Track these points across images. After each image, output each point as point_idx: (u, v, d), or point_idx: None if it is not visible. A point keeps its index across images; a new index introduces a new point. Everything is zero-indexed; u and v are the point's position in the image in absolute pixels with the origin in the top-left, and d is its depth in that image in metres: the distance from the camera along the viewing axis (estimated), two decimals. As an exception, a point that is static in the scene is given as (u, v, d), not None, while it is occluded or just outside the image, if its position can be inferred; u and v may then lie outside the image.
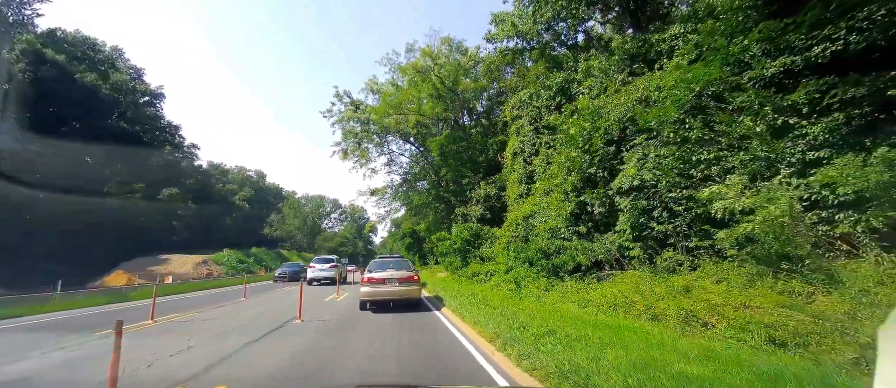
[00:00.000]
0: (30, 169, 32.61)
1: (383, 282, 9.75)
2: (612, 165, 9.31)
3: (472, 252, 19.28)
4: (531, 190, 18.24)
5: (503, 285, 11.85)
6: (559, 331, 5.09)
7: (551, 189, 13.41)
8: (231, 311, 10.92)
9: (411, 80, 26.68)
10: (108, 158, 43.88)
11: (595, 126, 9.38)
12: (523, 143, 19.12)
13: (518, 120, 19.93)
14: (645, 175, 8.08)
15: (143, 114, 49.93)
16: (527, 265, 11.98)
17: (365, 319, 8.76)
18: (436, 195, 30.90)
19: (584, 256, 9.33)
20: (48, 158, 34.18)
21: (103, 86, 40.27)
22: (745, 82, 6.39)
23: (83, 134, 40.02)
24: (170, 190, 49.02)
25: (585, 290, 8.46)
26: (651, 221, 8.10)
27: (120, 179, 44.49)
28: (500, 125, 29.05)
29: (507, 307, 7.65)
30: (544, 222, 12.71)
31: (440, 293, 12.84)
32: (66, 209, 35.62)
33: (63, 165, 35.34)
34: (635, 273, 7.74)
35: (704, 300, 5.27)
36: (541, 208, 13.27)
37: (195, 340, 6.47)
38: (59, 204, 35.45)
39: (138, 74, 54.10)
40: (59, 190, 34.58)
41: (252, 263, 37.14)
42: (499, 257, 15.13)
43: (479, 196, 23.50)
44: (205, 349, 5.91)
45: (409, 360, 4.93)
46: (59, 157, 35.01)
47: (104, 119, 42.79)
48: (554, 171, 12.88)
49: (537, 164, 18.08)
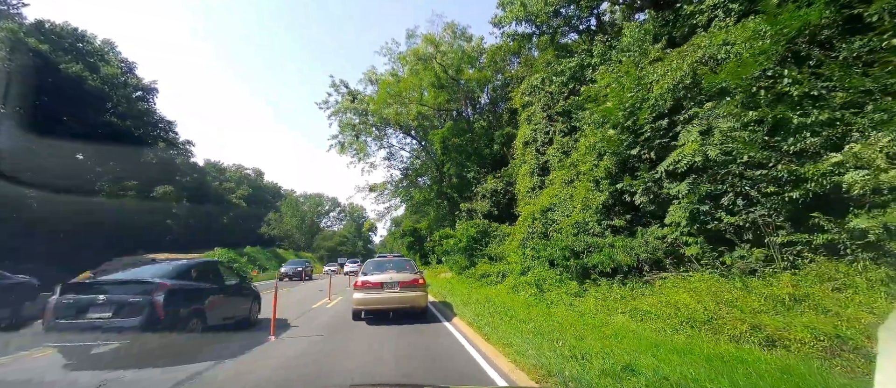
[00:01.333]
0: (8, 165, 30.96)
1: (381, 286, 8.08)
2: (661, 145, 7.63)
3: (479, 251, 17.60)
4: (545, 182, 16.59)
5: (522, 290, 10.18)
6: (640, 365, 3.42)
7: (574, 178, 11.74)
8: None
9: (412, 68, 24.97)
10: (98, 154, 42.27)
11: (640, 96, 7.70)
12: (535, 131, 17.45)
13: (529, 107, 18.25)
14: (710, 152, 6.41)
15: (136, 109, 48.27)
16: (548, 266, 10.32)
17: (358, 334, 7.08)
18: (438, 191, 29.21)
19: (626, 255, 7.65)
20: (27, 153, 32.48)
21: (90, 78, 38.53)
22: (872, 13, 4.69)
23: (69, 128, 38.39)
24: (165, 188, 47.43)
25: (633, 297, 6.78)
26: (718, 210, 6.44)
27: (110, 176, 42.87)
28: (505, 118, 27.36)
29: (540, 321, 5.98)
30: (567, 215, 11.04)
31: (448, 298, 11.18)
32: (50, 207, 33.98)
33: (46, 161, 33.65)
34: (703, 276, 6.07)
35: (854, 320, 3.59)
36: (561, 201, 11.60)
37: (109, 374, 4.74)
38: (42, 202, 33.84)
39: (130, 68, 52.45)
40: (40, 187, 32.96)
41: (245, 263, 35.43)
42: (511, 256, 13.46)
43: (485, 190, 21.82)
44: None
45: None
46: (41, 152, 33.37)
47: (92, 113, 41.14)
48: (579, 156, 11.21)
49: (551, 153, 16.43)
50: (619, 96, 7.96)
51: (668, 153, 7.46)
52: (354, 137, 28.07)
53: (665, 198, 7.55)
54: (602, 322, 5.79)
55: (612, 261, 7.88)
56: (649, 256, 7.60)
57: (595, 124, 9.70)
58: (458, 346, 5.74)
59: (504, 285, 12.59)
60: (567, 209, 11.21)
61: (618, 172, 8.98)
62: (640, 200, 7.98)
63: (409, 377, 4.30)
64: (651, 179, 7.70)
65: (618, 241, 8.28)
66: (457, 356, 5.17)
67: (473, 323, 6.84)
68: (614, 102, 8.01)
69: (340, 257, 64.50)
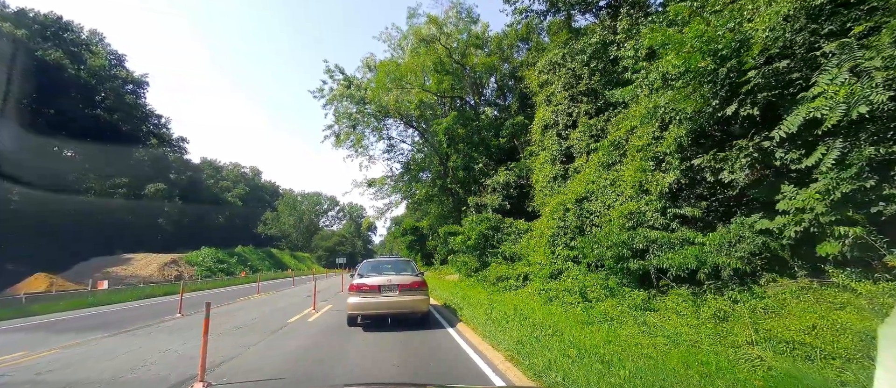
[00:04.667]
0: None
1: (378, 290, 7.34)
2: (771, 98, 5.40)
3: (491, 250, 15.39)
4: (568, 171, 14.39)
5: (557, 299, 7.97)
6: None
7: (617, 160, 9.53)
8: (136, 344, 7.05)
9: (414, 50, 22.73)
10: (84, 149, 40.12)
11: (741, 33, 5.48)
12: (557, 113, 15.24)
13: (548, 87, 16.03)
14: (875, 97, 4.21)
15: (124, 102, 46.02)
16: (588, 269, 8.11)
17: (342, 371, 4.86)
18: (441, 186, 26.98)
19: (722, 254, 5.44)
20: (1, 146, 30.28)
21: (71, 67, 36.24)
22: None
23: (51, 121, 36.22)
24: (156, 185, 45.27)
25: (753, 316, 4.56)
26: (882, 184, 4.25)
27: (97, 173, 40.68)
28: (514, 108, 25.10)
29: (631, 358, 3.73)
30: (609, 206, 8.84)
31: (462, 307, 8.92)
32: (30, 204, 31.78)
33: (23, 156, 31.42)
34: (865, 286, 3.87)
35: None
36: (601, 187, 9.38)
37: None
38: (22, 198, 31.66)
39: (119, 60, 50.20)
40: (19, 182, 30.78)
41: (235, 263, 33.16)
42: (535, 256, 11.24)
43: (496, 183, 19.59)
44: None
45: None
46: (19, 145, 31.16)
47: (77, 105, 38.92)
48: (624, 131, 9.02)
49: (576, 137, 14.23)
50: (703, 37, 5.72)
51: (778, 111, 5.26)
52: (351, 128, 25.79)
53: (780, 170, 5.34)
54: (737, 366, 3.55)
55: (698, 262, 5.66)
56: (752, 250, 5.39)
57: (652, 87, 7.47)
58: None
59: (526, 290, 10.37)
60: (609, 198, 9.00)
61: (692, 145, 6.79)
62: (734, 176, 5.76)
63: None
64: (755, 148, 5.48)
65: (698, 236, 6.06)
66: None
67: (512, 356, 4.60)
68: (697, 42, 5.76)
69: (339, 258, 62.34)
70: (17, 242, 30.86)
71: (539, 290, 9.47)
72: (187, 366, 5.03)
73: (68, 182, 37.20)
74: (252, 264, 36.50)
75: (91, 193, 40.23)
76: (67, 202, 32.69)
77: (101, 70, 44.63)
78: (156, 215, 47.69)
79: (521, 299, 8.95)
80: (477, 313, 7.51)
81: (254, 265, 36.28)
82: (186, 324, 9.14)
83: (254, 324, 8.76)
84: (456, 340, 6.30)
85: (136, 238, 40.80)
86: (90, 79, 42.53)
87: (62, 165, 38.02)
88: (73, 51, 40.26)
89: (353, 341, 6.46)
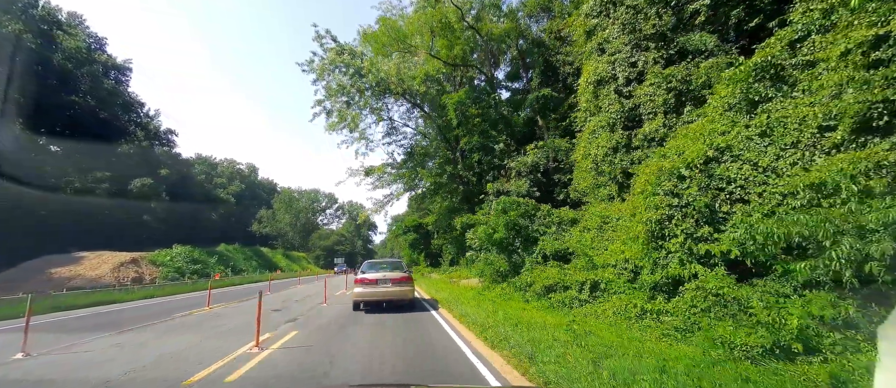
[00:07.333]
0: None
1: (376, 283, 9.34)
2: None
3: (525, 248, 11.48)
4: (632, 139, 10.54)
5: (695, 335, 4.11)
6: None
7: (773, 93, 5.64)
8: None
9: (420, 6, 18.79)
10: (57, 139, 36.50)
11: None
12: (614, 64, 11.36)
13: (600, 32, 12.13)
14: None
15: (102, 88, 42.38)
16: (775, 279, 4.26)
17: None
18: (451, 174, 23.10)
19: None
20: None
21: (33, 41, 32.48)
22: None
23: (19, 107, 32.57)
24: (143, 180, 41.56)
25: None
26: None
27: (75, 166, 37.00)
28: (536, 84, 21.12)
29: None
30: (767, 167, 4.97)
31: (529, 364, 5.05)
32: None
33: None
34: None
35: None
36: (749, 137, 5.50)
37: None
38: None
39: (100, 44, 46.65)
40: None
41: (214, 264, 29.28)
42: (615, 256, 7.34)
43: (523, 165, 15.70)
44: None
45: None
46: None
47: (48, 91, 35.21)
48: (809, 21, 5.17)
49: (645, 94, 10.38)
50: None
51: None
52: (345, 105, 21.86)
53: None
54: None
55: None
56: None
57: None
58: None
59: (604, 308, 6.49)
60: (772, 151, 5.13)
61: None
62: None
63: None
64: None
65: None
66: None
67: None
68: None
69: (337, 258, 58.64)
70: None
71: (632, 314, 5.61)
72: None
73: (40, 176, 33.55)
74: (235, 264, 32.59)
75: (68, 189, 36.60)
76: (26, 196, 28.93)
77: (78, 53, 41.01)
78: (140, 212, 44.10)
79: (616, 334, 5.02)
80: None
81: (237, 266, 32.38)
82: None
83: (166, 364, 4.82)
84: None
85: (116, 235, 36.98)
86: (66, 62, 38.96)
87: (30, 156, 34.32)
88: (43, 29, 36.56)
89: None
